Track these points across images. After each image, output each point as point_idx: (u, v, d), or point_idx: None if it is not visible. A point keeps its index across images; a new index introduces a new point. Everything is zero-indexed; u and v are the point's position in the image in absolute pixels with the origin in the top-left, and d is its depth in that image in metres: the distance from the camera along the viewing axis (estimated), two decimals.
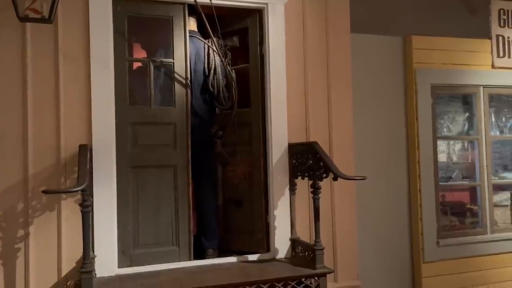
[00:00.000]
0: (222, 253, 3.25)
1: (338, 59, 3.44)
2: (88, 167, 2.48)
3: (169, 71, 3.10)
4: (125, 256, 2.88)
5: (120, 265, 2.84)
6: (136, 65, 3.23)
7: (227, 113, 3.32)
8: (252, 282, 2.64)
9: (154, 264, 2.91)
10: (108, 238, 2.77)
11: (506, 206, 4.44)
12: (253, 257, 3.13)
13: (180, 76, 3.10)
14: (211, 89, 3.25)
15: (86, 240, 2.38)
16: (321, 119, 3.40)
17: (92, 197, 2.68)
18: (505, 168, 4.64)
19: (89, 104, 2.81)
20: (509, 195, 4.46)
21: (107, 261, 2.76)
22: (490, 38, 4.26)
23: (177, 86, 3.09)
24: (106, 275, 2.74)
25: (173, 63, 3.09)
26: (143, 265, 2.89)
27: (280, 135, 3.24)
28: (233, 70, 3.33)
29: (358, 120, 3.66)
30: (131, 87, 3.01)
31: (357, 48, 3.65)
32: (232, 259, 3.10)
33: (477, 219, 4.25)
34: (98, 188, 2.75)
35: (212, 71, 3.25)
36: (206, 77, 3.27)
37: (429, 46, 4.04)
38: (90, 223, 2.57)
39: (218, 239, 3.32)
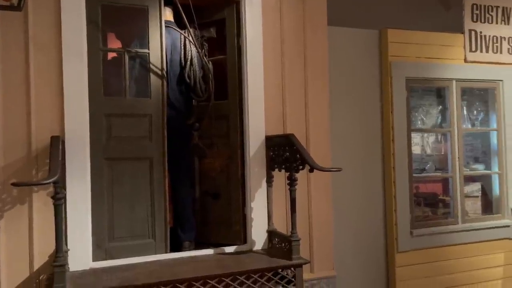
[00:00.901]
0: (199, 246, 3.24)
1: (315, 51, 3.45)
2: (60, 159, 2.42)
3: (144, 61, 3.05)
4: (100, 249, 2.84)
5: (95, 259, 2.79)
6: (110, 55, 3.17)
7: (204, 105, 3.30)
8: (229, 274, 2.65)
9: (130, 257, 2.88)
10: (82, 231, 2.72)
11: (477, 196, 4.56)
12: (230, 249, 3.13)
13: (156, 67, 3.05)
14: (188, 80, 3.22)
15: (58, 233, 2.33)
16: (298, 111, 3.42)
17: (65, 190, 2.62)
18: (476, 160, 4.77)
19: (61, 95, 2.74)
20: (479, 186, 4.59)
21: (81, 255, 2.71)
22: (463, 32, 4.34)
23: (152, 77, 3.05)
24: (80, 269, 2.69)
25: (149, 53, 3.04)
26: (119, 258, 2.85)
27: (257, 127, 3.24)
28: (210, 62, 3.31)
29: (334, 112, 3.70)
30: (106, 78, 2.95)
31: (333, 41, 3.67)
32: (209, 251, 3.09)
33: (449, 210, 4.36)
34: (71, 180, 2.70)
35: (188, 62, 3.22)
36: (182, 68, 3.24)
37: (404, 39, 4.09)
38: (63, 216, 2.52)
39: (195, 232, 3.31)
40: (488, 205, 4.56)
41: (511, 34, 4.50)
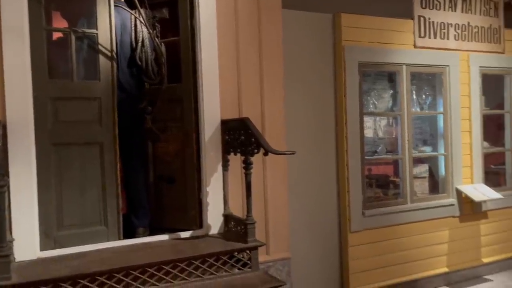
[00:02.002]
0: (154, 231, 3.19)
1: (269, 34, 3.43)
2: (1, 144, 2.29)
3: (92, 42, 2.92)
4: (48, 238, 2.74)
5: (43, 248, 2.69)
6: (56, 35, 3.02)
7: (157, 88, 3.22)
8: (184, 259, 2.63)
9: (81, 245, 2.79)
10: (28, 220, 2.60)
11: (425, 177, 4.77)
12: (185, 234, 3.11)
13: (105, 48, 2.93)
14: (139, 62, 3.12)
15: (2, 222, 2.23)
16: (253, 94, 3.40)
17: (8, 177, 2.49)
18: (425, 143, 4.97)
19: (1, 77, 2.58)
20: (427, 168, 4.80)
21: (27, 244, 2.60)
22: (412, 18, 4.46)
23: (101, 59, 2.93)
24: (27, 259, 2.58)
25: (97, 34, 2.91)
26: (69, 246, 2.76)
27: (212, 111, 3.20)
28: (162, 43, 3.22)
29: (289, 96, 3.70)
30: (51, 59, 2.81)
31: (288, 24, 3.67)
32: (164, 237, 3.06)
33: (399, 190, 4.53)
34: (15, 167, 2.56)
35: (139, 44, 3.11)
36: (133, 50, 3.14)
37: (357, 24, 4.15)
38: (7, 204, 2.38)
39: (149, 218, 3.26)
40: (435, 185, 4.78)
41: (457, 21, 4.68)
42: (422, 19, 4.49)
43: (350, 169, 4.08)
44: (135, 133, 3.20)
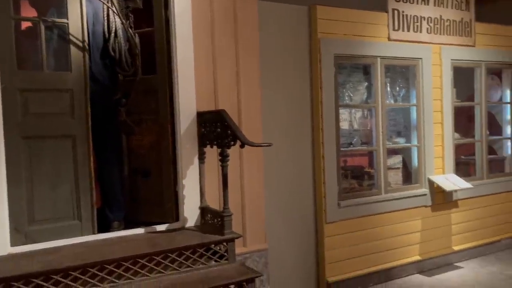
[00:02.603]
0: (129, 225, 3.15)
1: (245, 26, 3.42)
2: None
3: (63, 32, 2.84)
4: (19, 234, 2.67)
5: (14, 243, 2.62)
6: (25, 25, 2.92)
7: (131, 80, 3.16)
8: (159, 252, 2.62)
9: (54, 240, 2.73)
10: None
11: (398, 168, 4.87)
12: (161, 227, 3.09)
13: (76, 39, 2.86)
14: (112, 53, 3.05)
15: None
16: (229, 86, 3.39)
17: None
18: (399, 134, 5.07)
19: None
20: (400, 159, 4.89)
21: None
22: (387, 11, 4.51)
23: (73, 49, 2.86)
24: None
25: (68, 23, 2.83)
26: (41, 242, 2.70)
27: (188, 103, 3.17)
28: (136, 34, 3.15)
29: (265, 88, 3.71)
30: (20, 49, 2.72)
31: (264, 15, 3.66)
32: (140, 230, 3.02)
33: (373, 181, 4.61)
34: None
35: (112, 34, 3.04)
36: (106, 40, 3.06)
37: (333, 16, 4.17)
38: None
39: (124, 211, 3.22)
40: (408, 176, 4.88)
41: (430, 14, 4.76)
42: (396, 12, 4.54)
43: (326, 160, 4.13)
44: (109, 126, 3.14)
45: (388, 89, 4.77)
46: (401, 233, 4.61)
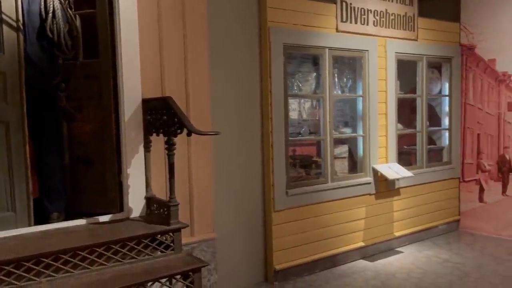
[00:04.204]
0: (70, 216, 3.01)
1: (194, 12, 3.34)
2: None
3: None
4: None
5: None
6: None
7: (71, 64, 3.00)
8: (102, 244, 2.52)
9: None
10: None
11: (344, 157, 4.99)
12: (104, 218, 2.98)
13: (9, 18, 2.66)
14: (50, 35, 2.86)
15: None
16: (177, 73, 3.31)
17: None
18: (346, 124, 5.19)
19: None
20: (347, 148, 5.02)
21: None
22: (335, 2, 4.57)
23: (5, 29, 2.66)
24: None
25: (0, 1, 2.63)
26: None
27: (133, 89, 3.07)
28: (77, 15, 2.99)
29: (214, 75, 3.66)
30: None
31: (213, 2, 3.59)
32: (81, 221, 2.90)
33: (320, 170, 4.70)
34: None
35: (50, 14, 2.85)
36: (43, 21, 2.87)
37: (283, 6, 4.16)
38: None
39: (65, 202, 3.07)
40: (354, 165, 5.02)
41: (376, 8, 4.88)
42: (344, 3, 4.62)
43: (274, 149, 4.15)
44: (48, 112, 2.97)
45: (336, 80, 4.86)
46: (346, 221, 4.75)
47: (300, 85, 4.75)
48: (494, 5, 5.47)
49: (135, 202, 3.09)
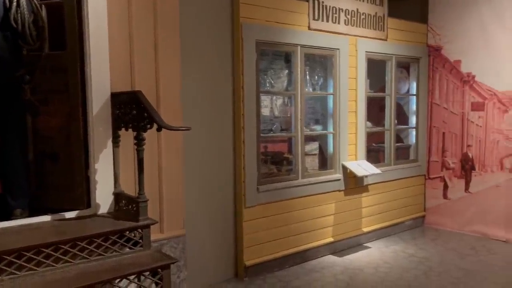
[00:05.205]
0: (35, 213, 2.92)
1: (165, 4, 3.29)
2: None
3: None
4: None
5: None
6: None
7: (37, 55, 2.89)
8: (67, 240, 2.46)
9: None
10: None
11: (315, 154, 5.05)
12: (71, 214, 2.91)
13: None
14: (14, 24, 2.75)
15: None
16: (147, 67, 3.26)
17: None
18: (317, 122, 5.25)
19: None
20: (317, 145, 5.08)
21: None
22: (307, 0, 4.60)
23: None
24: None
25: None
26: None
27: (101, 82, 3.00)
28: (43, 5, 2.88)
29: (186, 70, 3.62)
30: None
31: None
32: (46, 218, 2.82)
33: (291, 167, 4.74)
34: None
35: (14, 3, 2.73)
36: (7, 10, 2.76)
37: (255, 2, 4.15)
38: None
39: (29, 198, 2.96)
40: (324, 162, 5.09)
41: (347, 7, 4.95)
42: (316, 2, 4.66)
43: (246, 146, 4.15)
44: (11, 105, 2.86)
45: (308, 77, 4.90)
46: (316, 217, 4.81)
47: (272, 82, 4.76)
48: (460, 8, 5.64)
49: (103, 198, 3.03)
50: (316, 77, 5.06)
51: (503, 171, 5.43)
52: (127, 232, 2.75)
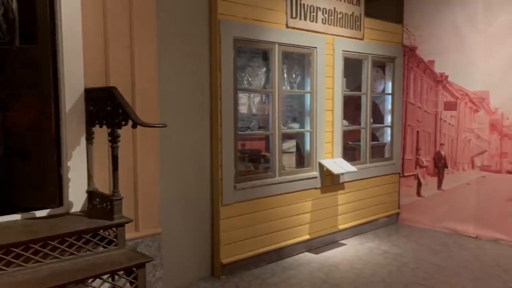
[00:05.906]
0: (4, 211, 2.83)
1: (141, 0, 3.23)
2: None
3: None
4: None
5: None
6: None
7: (7, 49, 2.80)
8: (38, 240, 2.39)
9: None
10: None
11: (292, 152, 5.07)
12: (42, 213, 2.84)
13: None
14: None
15: None
16: (122, 63, 3.20)
17: None
18: (294, 120, 5.27)
19: None
20: (294, 143, 5.10)
21: None
22: None
23: None
24: None
25: None
26: None
27: (74, 78, 2.93)
28: None
29: (163, 67, 3.58)
30: None
31: None
32: (15, 216, 2.75)
33: (269, 165, 4.74)
34: None
35: None
36: None
37: None
38: None
39: None
40: (301, 160, 5.12)
41: (325, 6, 4.98)
42: (294, 0, 4.66)
43: (223, 143, 4.13)
44: None
45: (285, 75, 4.91)
46: (292, 214, 4.83)
47: (250, 79, 4.75)
48: (435, 9, 5.76)
49: (76, 196, 2.96)
50: (294, 75, 5.07)
51: (474, 169, 5.58)
52: (101, 231, 2.70)
